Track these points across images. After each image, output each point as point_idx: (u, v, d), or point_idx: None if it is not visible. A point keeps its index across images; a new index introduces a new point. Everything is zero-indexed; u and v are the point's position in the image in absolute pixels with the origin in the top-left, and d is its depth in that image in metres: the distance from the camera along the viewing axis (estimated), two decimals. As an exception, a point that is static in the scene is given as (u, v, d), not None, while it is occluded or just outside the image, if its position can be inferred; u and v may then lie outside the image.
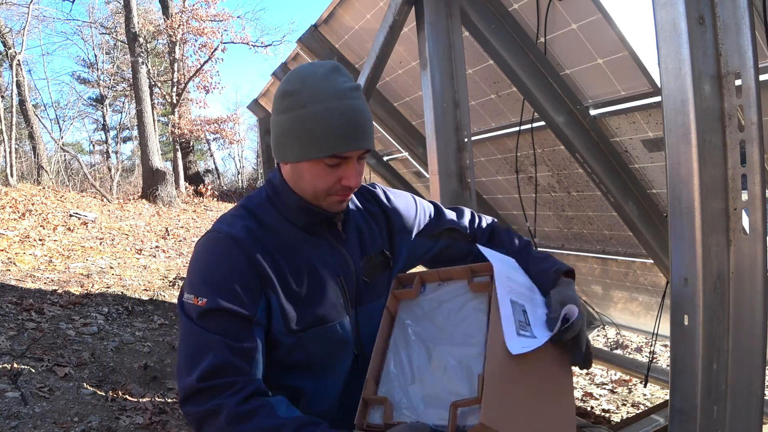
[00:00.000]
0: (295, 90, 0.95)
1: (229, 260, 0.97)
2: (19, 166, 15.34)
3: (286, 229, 1.04)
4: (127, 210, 11.02)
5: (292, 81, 0.96)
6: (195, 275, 0.98)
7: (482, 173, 3.18)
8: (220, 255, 0.98)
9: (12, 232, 7.14)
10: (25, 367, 3.30)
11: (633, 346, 4.36)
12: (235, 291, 0.95)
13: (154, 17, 17.15)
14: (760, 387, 1.11)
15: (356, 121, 0.95)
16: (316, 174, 0.98)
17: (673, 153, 1.10)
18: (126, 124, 23.17)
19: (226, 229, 1.01)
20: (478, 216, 1.34)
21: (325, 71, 0.96)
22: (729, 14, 1.05)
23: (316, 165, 0.97)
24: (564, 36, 1.96)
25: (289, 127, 0.95)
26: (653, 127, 2.02)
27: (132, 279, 6.22)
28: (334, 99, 0.93)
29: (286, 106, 0.96)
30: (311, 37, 2.98)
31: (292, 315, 1.00)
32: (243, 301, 0.95)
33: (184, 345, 0.96)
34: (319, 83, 0.94)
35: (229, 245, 0.98)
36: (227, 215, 1.06)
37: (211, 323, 0.94)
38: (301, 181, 1.01)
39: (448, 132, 1.91)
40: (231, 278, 0.95)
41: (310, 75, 0.95)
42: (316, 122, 0.93)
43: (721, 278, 1.10)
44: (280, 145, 0.99)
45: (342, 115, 0.93)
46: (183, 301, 0.98)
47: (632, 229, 2.45)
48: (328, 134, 0.93)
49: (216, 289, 0.94)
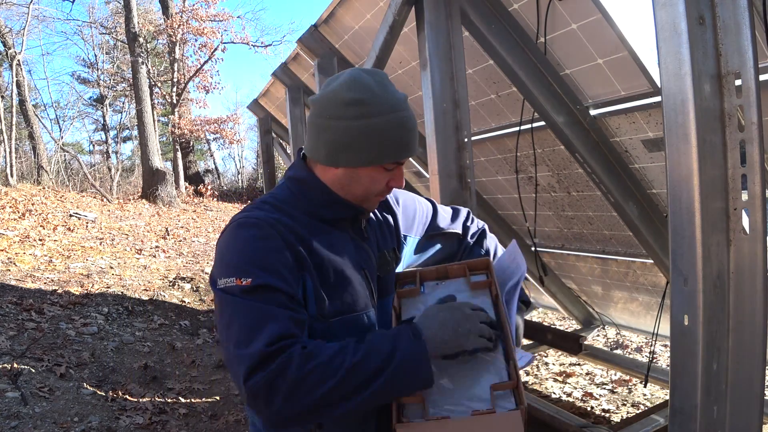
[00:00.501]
0: (364, 99, 0.99)
1: (266, 241, 0.98)
2: (19, 166, 15.34)
3: (311, 223, 1.07)
4: (127, 210, 11.02)
5: (358, 90, 0.99)
6: (232, 258, 0.98)
7: (482, 173, 3.18)
8: (256, 237, 0.99)
9: (12, 232, 7.14)
10: (25, 367, 3.30)
11: (633, 346, 4.36)
12: (278, 269, 0.96)
13: (154, 17, 17.15)
14: (760, 387, 1.11)
15: (414, 132, 1.04)
16: (375, 178, 1.05)
17: (673, 153, 1.10)
18: (126, 124, 23.18)
19: (258, 214, 1.02)
20: (472, 218, 1.39)
21: (382, 81, 1.02)
22: (729, 14, 1.05)
23: (376, 170, 1.04)
24: (564, 36, 1.96)
25: (360, 134, 0.99)
26: (653, 127, 2.02)
27: (132, 279, 6.22)
28: (399, 110, 1.01)
29: (356, 114, 0.99)
30: (311, 37, 2.98)
31: (326, 300, 1.03)
32: (286, 279, 0.96)
33: (237, 321, 0.93)
34: (383, 93, 1.00)
35: (265, 228, 0.99)
36: (251, 207, 1.07)
37: (263, 297, 0.94)
38: (354, 185, 1.05)
39: (448, 132, 1.91)
40: (273, 257, 0.97)
41: (372, 84, 1.01)
42: (387, 132, 1.00)
43: (721, 278, 1.10)
44: (343, 150, 1.01)
45: (406, 126, 1.02)
46: (221, 287, 0.96)
47: (632, 229, 2.45)
48: (396, 143, 1.01)
49: (260, 267, 0.95)
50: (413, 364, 0.90)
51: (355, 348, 0.91)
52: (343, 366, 0.88)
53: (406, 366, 0.90)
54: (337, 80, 1.03)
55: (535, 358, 1.09)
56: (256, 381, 0.87)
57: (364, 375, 0.88)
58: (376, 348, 0.91)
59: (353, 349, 0.90)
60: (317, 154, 1.05)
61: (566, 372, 4.08)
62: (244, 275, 0.94)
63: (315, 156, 1.06)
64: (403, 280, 1.17)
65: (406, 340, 0.92)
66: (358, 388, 0.88)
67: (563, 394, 3.72)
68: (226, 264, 0.98)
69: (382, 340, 0.93)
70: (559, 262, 3.54)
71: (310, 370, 0.87)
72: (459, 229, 1.34)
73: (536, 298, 4.55)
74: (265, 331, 0.90)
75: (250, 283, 0.93)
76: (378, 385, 0.88)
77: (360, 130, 0.99)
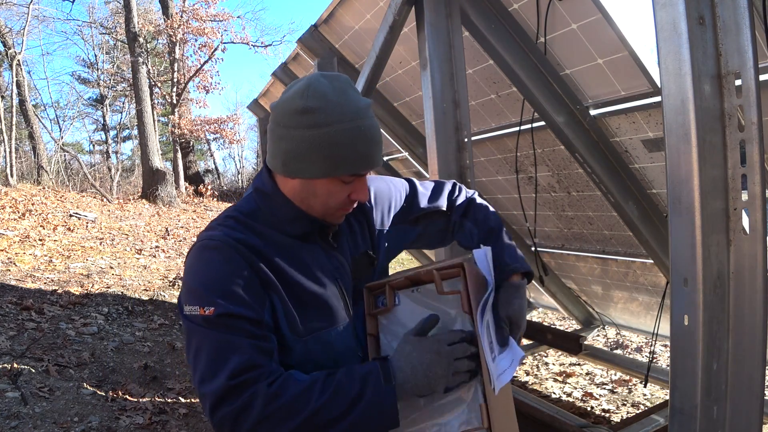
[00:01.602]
0: (318, 107, 0.93)
1: (228, 265, 0.95)
2: (19, 166, 15.34)
3: (278, 236, 1.02)
4: (127, 210, 11.02)
5: (311, 97, 0.93)
6: (194, 285, 0.95)
7: (482, 173, 3.18)
8: (218, 261, 0.95)
9: (12, 232, 7.14)
10: (25, 367, 3.30)
11: (633, 346, 4.36)
12: (241, 295, 0.93)
13: (154, 17, 17.14)
14: (760, 387, 1.11)
15: (375, 142, 0.97)
16: (332, 191, 0.99)
17: (673, 153, 1.10)
18: (126, 124, 23.19)
19: (219, 235, 0.98)
20: (459, 189, 1.29)
21: (341, 86, 0.96)
22: (729, 14, 1.05)
23: (332, 182, 0.98)
24: (564, 36, 1.96)
25: (312, 144, 0.93)
26: (653, 127, 2.02)
27: (132, 279, 6.22)
28: (356, 118, 0.94)
29: (308, 123, 0.93)
30: (311, 37, 2.98)
31: (297, 318, 0.99)
32: (250, 305, 0.94)
33: (202, 353, 0.92)
34: (340, 101, 0.94)
35: (226, 251, 0.96)
36: (215, 224, 1.03)
37: (226, 327, 0.92)
38: (311, 198, 1.00)
39: (448, 132, 1.91)
40: (234, 283, 0.94)
41: (328, 91, 0.94)
42: (341, 143, 0.93)
43: (721, 278, 1.10)
44: (297, 161, 0.96)
45: (364, 136, 0.95)
46: (187, 314, 0.95)
47: (632, 229, 2.45)
48: (352, 155, 0.95)
49: (221, 296, 0.92)
50: (379, 409, 0.90)
51: (322, 387, 0.90)
52: (307, 408, 0.88)
53: (371, 410, 0.90)
54: (293, 87, 0.98)
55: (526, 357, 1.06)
56: (222, 415, 0.89)
57: (328, 416, 0.89)
58: (344, 389, 0.90)
59: (320, 388, 0.90)
60: (275, 165, 1.00)
61: (566, 372, 4.07)
62: (207, 304, 0.92)
63: (273, 166, 1.01)
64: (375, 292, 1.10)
65: (375, 383, 0.91)
66: (322, 429, 0.89)
67: (563, 394, 3.72)
68: (190, 290, 0.96)
69: (351, 380, 0.91)
70: (559, 262, 3.54)
71: (275, 410, 0.88)
72: (443, 206, 1.25)
73: (536, 298, 4.55)
74: (228, 363, 0.90)
75: (212, 313, 0.91)
76: (342, 427, 0.89)
77: (312, 140, 0.93)
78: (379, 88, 3.12)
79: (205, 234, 1.01)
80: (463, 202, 1.27)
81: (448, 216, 1.26)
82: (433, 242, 1.32)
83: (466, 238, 1.23)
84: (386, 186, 1.23)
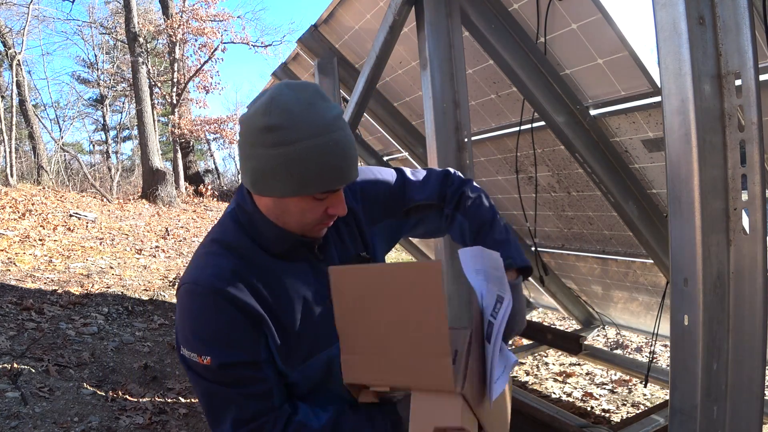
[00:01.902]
0: (281, 124, 0.87)
1: (218, 314, 0.94)
2: (19, 166, 15.34)
3: (264, 259, 1.00)
4: (127, 210, 11.02)
5: (274, 113, 0.88)
6: (189, 332, 0.95)
7: (482, 173, 3.18)
8: (208, 311, 0.94)
9: (12, 232, 7.14)
10: (25, 367, 3.30)
11: (633, 346, 4.36)
12: (235, 342, 0.94)
13: (154, 17, 17.14)
14: (760, 387, 1.11)
15: (346, 155, 0.92)
16: (305, 208, 0.95)
17: (673, 153, 1.10)
18: (126, 124, 23.19)
19: (205, 280, 0.95)
20: (452, 178, 1.21)
21: (308, 98, 0.89)
22: (729, 14, 1.05)
23: (304, 200, 0.94)
24: (564, 36, 1.96)
25: (278, 163, 0.88)
26: (653, 127, 2.02)
27: (132, 279, 6.23)
28: (323, 133, 0.88)
29: (272, 142, 0.88)
30: (311, 37, 2.98)
31: (289, 350, 0.99)
32: (246, 349, 0.94)
33: (205, 401, 0.97)
34: (305, 115, 0.88)
35: (214, 299, 0.94)
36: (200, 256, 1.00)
37: (224, 377, 0.93)
38: (286, 215, 0.97)
39: (448, 132, 1.91)
40: (226, 331, 0.94)
41: (292, 105, 0.88)
42: (308, 160, 0.88)
43: (721, 278, 1.10)
44: (264, 180, 0.91)
45: (333, 151, 0.89)
46: (185, 356, 0.95)
47: (632, 229, 2.45)
48: (321, 172, 0.89)
49: (216, 346, 0.93)
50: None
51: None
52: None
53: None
54: (257, 101, 0.92)
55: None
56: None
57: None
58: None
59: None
60: (245, 182, 0.96)
61: (566, 372, 4.08)
62: (204, 353, 0.92)
63: (245, 183, 0.97)
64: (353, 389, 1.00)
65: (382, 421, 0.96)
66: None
67: (563, 394, 3.72)
68: (185, 336, 0.95)
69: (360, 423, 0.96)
70: (559, 262, 3.54)
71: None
72: (435, 197, 1.18)
73: (536, 298, 4.55)
74: (228, 416, 0.94)
75: (210, 362, 0.92)
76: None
77: (277, 159, 0.88)
78: (379, 88, 3.12)
79: (191, 275, 0.97)
80: (456, 193, 1.18)
81: (441, 207, 1.19)
82: (428, 234, 1.27)
83: (457, 233, 1.18)
84: (374, 178, 1.17)
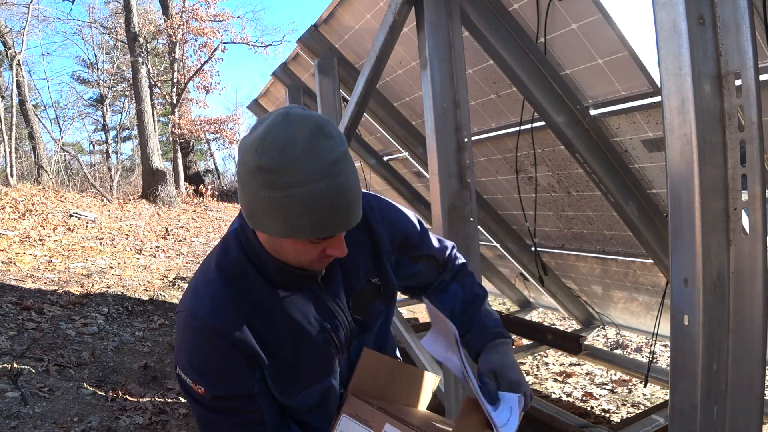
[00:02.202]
0: (272, 167, 0.79)
1: (214, 350, 0.94)
2: (19, 166, 15.35)
3: (265, 291, 0.98)
4: (127, 210, 11.02)
5: (267, 153, 0.79)
6: (185, 361, 0.96)
7: (482, 173, 3.18)
8: (204, 346, 0.95)
9: (12, 232, 7.14)
10: (25, 367, 3.30)
11: (633, 346, 4.36)
12: (229, 376, 0.95)
13: (154, 17, 17.15)
14: (760, 387, 1.11)
15: (346, 203, 0.84)
16: (299, 250, 0.90)
17: (673, 153, 1.10)
18: (126, 124, 23.20)
19: (204, 315, 0.94)
20: (455, 252, 1.26)
21: (306, 136, 0.80)
22: (729, 14, 1.05)
23: (298, 242, 0.88)
24: (564, 36, 1.96)
25: (270, 206, 0.82)
26: (653, 127, 2.02)
27: (132, 279, 6.22)
28: (319, 180, 0.80)
29: (265, 183, 0.80)
30: (311, 37, 2.98)
31: (285, 384, 1.00)
32: (239, 382, 0.96)
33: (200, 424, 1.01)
34: (301, 158, 0.79)
35: (209, 335, 0.93)
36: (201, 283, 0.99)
37: (217, 407, 0.96)
38: (282, 252, 0.93)
39: (448, 132, 1.91)
40: (222, 367, 0.95)
41: (288, 144, 0.79)
42: (302, 208, 0.81)
43: (721, 278, 1.10)
44: (257, 217, 0.86)
45: (329, 199, 0.81)
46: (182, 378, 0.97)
47: (632, 229, 2.44)
48: (316, 221, 0.82)
49: (210, 378, 0.95)
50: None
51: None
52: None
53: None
54: (255, 130, 0.84)
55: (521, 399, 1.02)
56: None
57: None
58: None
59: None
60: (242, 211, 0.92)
61: (566, 372, 4.08)
62: (198, 383, 0.94)
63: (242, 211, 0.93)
64: None
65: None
66: None
67: (563, 394, 3.72)
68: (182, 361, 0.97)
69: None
70: (559, 262, 3.54)
71: None
72: (443, 257, 1.20)
73: (536, 298, 4.55)
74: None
75: (204, 393, 0.94)
76: None
77: (269, 201, 0.81)
78: (379, 88, 3.12)
79: (190, 304, 0.97)
80: (459, 264, 1.23)
81: (440, 272, 1.21)
82: (414, 289, 1.25)
83: (449, 300, 1.18)
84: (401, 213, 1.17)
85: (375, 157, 4.17)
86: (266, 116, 0.85)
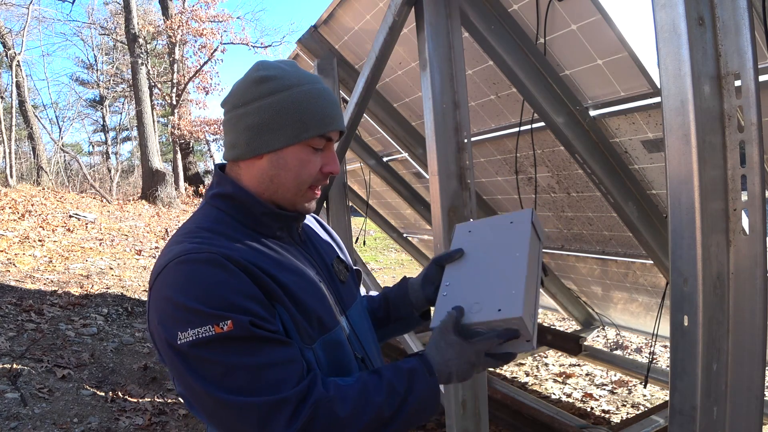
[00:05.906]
0: (273, 75, 0.94)
1: (229, 274, 0.83)
2: (19, 166, 15.35)
3: (258, 241, 0.95)
4: (126, 211, 11.02)
5: (264, 68, 0.96)
6: (192, 304, 0.80)
7: (482, 174, 3.18)
8: (215, 271, 0.83)
9: (12, 232, 7.13)
10: (25, 367, 3.29)
11: (633, 347, 4.36)
12: (255, 297, 0.85)
13: (154, 18, 17.16)
14: (760, 387, 1.11)
15: (336, 103, 0.99)
16: (304, 160, 0.95)
17: (673, 153, 1.10)
18: (125, 125, 23.21)
19: (204, 247, 0.86)
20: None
21: (290, 62, 0.99)
22: (729, 15, 1.05)
23: (302, 150, 0.95)
24: (564, 37, 1.96)
25: (277, 109, 0.93)
26: (653, 128, 2.02)
27: (132, 280, 6.22)
28: (313, 82, 0.97)
29: (267, 91, 0.93)
30: (311, 37, 2.98)
31: (304, 325, 0.92)
32: (264, 317, 0.84)
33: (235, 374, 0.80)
34: (293, 69, 0.97)
35: (221, 260, 0.84)
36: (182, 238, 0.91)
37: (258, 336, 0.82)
38: (283, 173, 0.95)
39: (448, 133, 1.91)
40: (241, 290, 0.83)
41: (279, 63, 0.98)
42: (307, 100, 0.94)
43: (721, 279, 1.10)
44: (261, 134, 0.93)
45: (324, 96, 0.96)
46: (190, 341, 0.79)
47: (632, 230, 2.45)
48: (318, 113, 0.94)
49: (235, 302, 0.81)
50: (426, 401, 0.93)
51: (376, 387, 0.90)
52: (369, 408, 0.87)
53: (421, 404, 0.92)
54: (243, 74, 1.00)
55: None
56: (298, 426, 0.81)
57: (387, 413, 0.88)
58: (396, 387, 0.91)
59: (374, 388, 0.89)
60: (235, 152, 0.96)
61: (566, 373, 4.08)
62: (219, 319, 0.79)
63: (235, 153, 0.96)
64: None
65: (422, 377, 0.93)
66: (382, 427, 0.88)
67: (563, 394, 3.72)
68: (187, 312, 0.80)
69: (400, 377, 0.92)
70: (559, 263, 3.54)
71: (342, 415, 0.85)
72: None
73: (536, 298, 4.55)
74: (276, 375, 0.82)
75: (231, 327, 0.79)
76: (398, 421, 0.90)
77: (275, 105, 0.93)
78: (379, 89, 3.13)
79: (180, 248, 0.86)
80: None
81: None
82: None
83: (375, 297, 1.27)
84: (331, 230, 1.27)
85: (375, 158, 4.17)
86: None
